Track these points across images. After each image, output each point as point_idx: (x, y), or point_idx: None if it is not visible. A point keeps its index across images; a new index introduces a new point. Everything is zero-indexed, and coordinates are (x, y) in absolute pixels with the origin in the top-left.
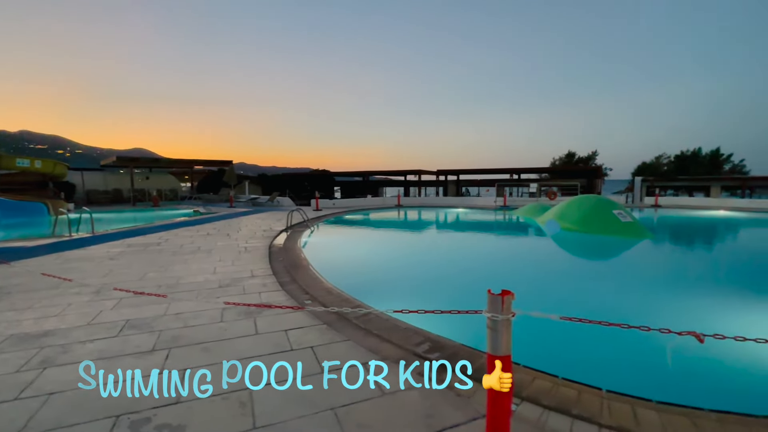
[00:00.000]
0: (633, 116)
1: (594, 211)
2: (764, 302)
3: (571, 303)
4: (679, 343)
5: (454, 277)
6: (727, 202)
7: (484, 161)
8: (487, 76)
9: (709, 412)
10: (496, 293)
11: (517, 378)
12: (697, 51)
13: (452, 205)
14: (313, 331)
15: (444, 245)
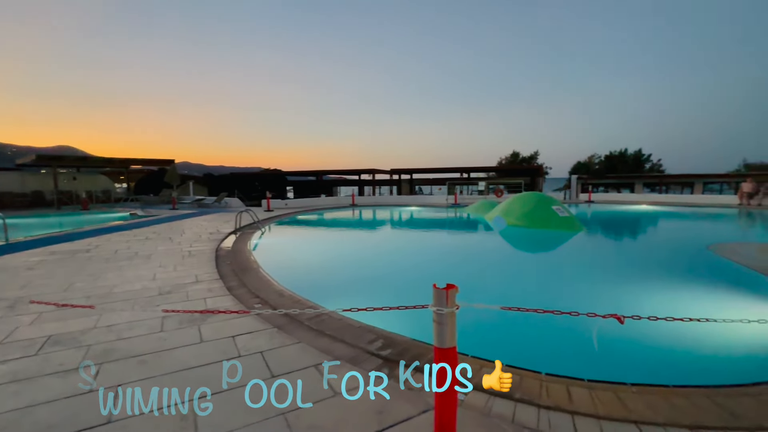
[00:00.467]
0: (570, 118)
1: (536, 207)
2: (674, 284)
3: (515, 293)
4: (603, 326)
5: (407, 273)
6: (648, 197)
7: (436, 161)
8: (440, 77)
9: (630, 386)
10: (442, 287)
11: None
12: (622, 59)
13: (406, 204)
14: (262, 336)
15: (398, 243)
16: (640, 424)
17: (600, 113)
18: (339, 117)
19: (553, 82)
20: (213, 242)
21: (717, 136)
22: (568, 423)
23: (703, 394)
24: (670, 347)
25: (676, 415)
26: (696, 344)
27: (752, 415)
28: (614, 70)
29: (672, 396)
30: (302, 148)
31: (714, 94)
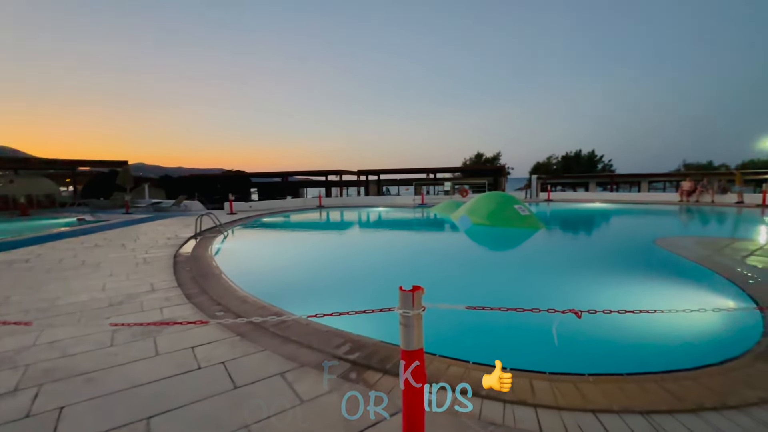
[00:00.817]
0: (530, 120)
1: (499, 206)
2: (626, 277)
3: (481, 292)
4: (563, 320)
5: (375, 275)
6: (600, 196)
7: (403, 161)
8: (406, 78)
9: (587, 376)
10: (407, 289)
11: (433, 368)
12: (578, 63)
13: (373, 205)
14: (224, 345)
15: (366, 244)
16: (597, 412)
17: (557, 115)
18: (305, 117)
19: (514, 84)
20: (171, 248)
21: (661, 138)
22: (531, 416)
23: (652, 380)
24: (623, 337)
25: (629, 401)
26: (645, 333)
27: (694, 397)
28: (571, 73)
29: (625, 383)
30: (267, 148)
31: (659, 99)
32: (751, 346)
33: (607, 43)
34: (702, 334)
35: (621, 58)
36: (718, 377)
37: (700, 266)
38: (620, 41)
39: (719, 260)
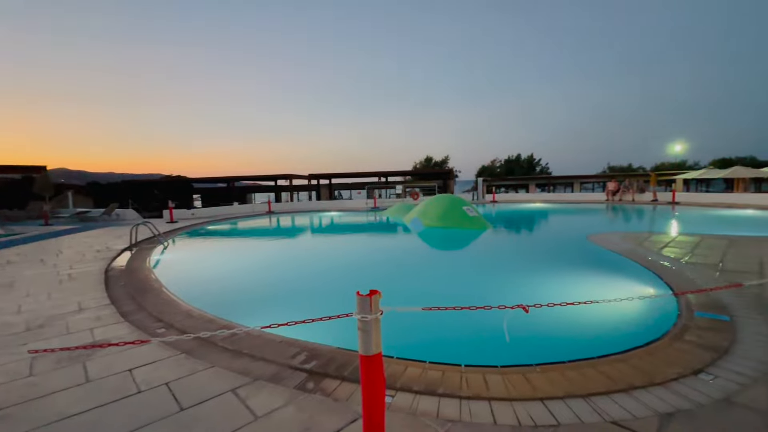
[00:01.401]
0: (476, 125)
1: (449, 208)
2: (565, 271)
3: (435, 292)
4: (512, 315)
5: (331, 281)
6: (540, 196)
7: (355, 165)
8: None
9: (535, 366)
10: (365, 294)
11: (391, 370)
12: (513, 67)
13: (325, 209)
14: (167, 365)
15: (320, 250)
16: (545, 399)
17: (500, 121)
18: (252, 119)
19: (462, 90)
20: (101, 261)
21: (590, 142)
22: (486, 410)
23: (589, 365)
24: (564, 327)
25: (571, 387)
26: (583, 322)
27: (626, 377)
28: (512, 81)
29: (567, 370)
30: (211, 152)
31: (588, 107)
32: (669, 328)
33: (545, 55)
34: (630, 320)
35: (556, 69)
36: (645, 358)
37: (625, 258)
38: (555, 54)
39: (641, 252)
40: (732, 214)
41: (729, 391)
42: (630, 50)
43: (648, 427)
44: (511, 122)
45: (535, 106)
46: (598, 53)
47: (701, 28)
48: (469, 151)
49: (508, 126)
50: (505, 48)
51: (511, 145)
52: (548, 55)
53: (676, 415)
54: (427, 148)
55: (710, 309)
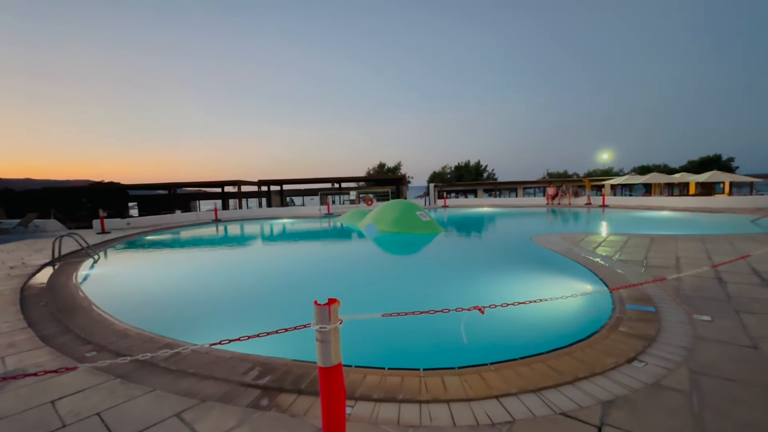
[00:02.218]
0: (428, 132)
1: (403, 213)
2: (513, 271)
3: (394, 297)
4: (469, 317)
5: (285, 291)
6: (487, 201)
7: (308, 171)
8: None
9: (490, 365)
10: (323, 303)
11: (350, 379)
12: (465, 80)
13: (277, 216)
14: (99, 392)
15: (272, 259)
16: (500, 397)
17: (450, 128)
18: (195, 122)
19: (414, 97)
20: (16, 279)
21: (531, 150)
22: (445, 412)
23: (539, 361)
24: (516, 325)
25: (524, 383)
26: (532, 319)
27: (571, 370)
28: (461, 89)
29: (519, 367)
30: (149, 157)
31: (529, 115)
32: (606, 321)
33: (492, 69)
34: (573, 315)
35: (503, 82)
36: (587, 350)
37: (565, 258)
38: (503, 68)
39: (578, 252)
40: (651, 215)
41: (658, 376)
42: (568, 67)
43: (592, 416)
44: (461, 131)
45: (482, 116)
46: (541, 69)
47: (630, 51)
48: (421, 158)
49: (458, 134)
50: (456, 60)
51: (461, 153)
52: (496, 69)
53: (616, 401)
54: (381, 155)
55: (639, 302)
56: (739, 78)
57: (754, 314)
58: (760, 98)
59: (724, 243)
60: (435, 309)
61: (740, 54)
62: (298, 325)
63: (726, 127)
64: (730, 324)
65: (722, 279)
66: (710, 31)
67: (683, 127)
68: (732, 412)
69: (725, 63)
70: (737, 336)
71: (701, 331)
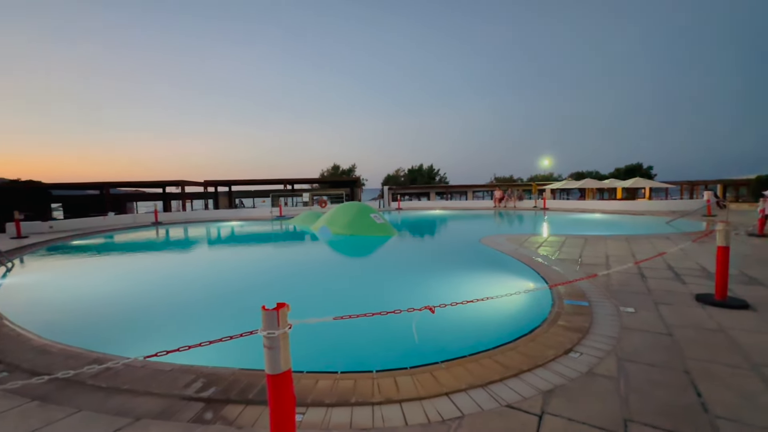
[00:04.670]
0: (381, 135)
1: (357, 215)
2: (463, 271)
3: (346, 300)
4: (421, 317)
5: (233, 297)
6: (439, 204)
7: (259, 172)
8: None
9: (441, 363)
10: (271, 308)
11: (301, 386)
12: (418, 84)
13: (225, 219)
14: (10, 419)
15: (219, 264)
16: (450, 394)
17: (404, 131)
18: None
19: (368, 99)
20: None
21: (480, 154)
22: (397, 412)
23: (487, 356)
24: (466, 323)
25: (472, 378)
26: (481, 316)
27: (516, 363)
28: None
29: (468, 363)
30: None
31: (479, 122)
32: (546, 316)
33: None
34: (517, 311)
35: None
36: (530, 344)
37: (511, 258)
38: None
39: (522, 252)
40: (585, 218)
41: (591, 365)
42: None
43: (534, 405)
44: (414, 135)
45: (436, 122)
46: (497, 78)
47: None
48: (376, 161)
49: (411, 138)
50: (407, 65)
51: (414, 156)
52: (452, 76)
53: (555, 390)
54: (335, 157)
55: (575, 297)
56: (656, 96)
57: (669, 305)
58: (672, 115)
59: (644, 242)
60: (387, 310)
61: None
62: (245, 332)
63: (646, 138)
64: (650, 315)
65: (644, 274)
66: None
67: (612, 137)
68: (652, 392)
69: (647, 82)
70: (656, 325)
71: (627, 322)
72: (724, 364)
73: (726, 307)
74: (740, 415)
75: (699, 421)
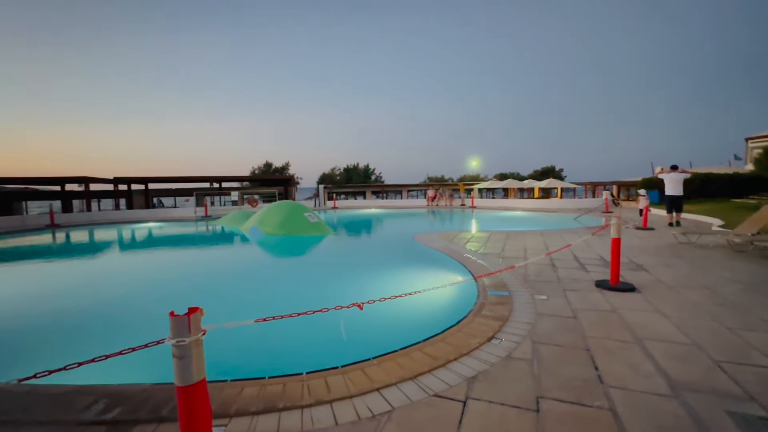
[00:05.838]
0: (317, 133)
1: (290, 215)
2: (396, 268)
3: (276, 302)
4: (350, 314)
5: (148, 307)
6: (375, 203)
7: (183, 169)
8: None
9: (373, 360)
10: (181, 313)
11: (224, 396)
12: (354, 82)
13: (140, 220)
14: None
15: (131, 271)
16: (381, 389)
17: (340, 131)
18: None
19: (304, 96)
20: None
21: (414, 155)
22: (328, 413)
23: (417, 349)
24: (398, 318)
25: (403, 372)
26: (413, 311)
27: (443, 354)
28: (351, 92)
29: (399, 358)
30: None
31: (414, 123)
32: (472, 307)
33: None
34: (446, 303)
35: (389, 87)
36: (457, 334)
37: (441, 253)
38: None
39: (452, 247)
40: (508, 215)
41: (510, 349)
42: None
43: (459, 392)
44: (350, 133)
45: (371, 121)
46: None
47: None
48: (310, 159)
49: (347, 137)
50: (345, 61)
51: (350, 155)
52: (382, 73)
53: (478, 376)
54: (267, 154)
55: (497, 288)
56: (565, 104)
57: (575, 291)
58: (579, 125)
59: (556, 236)
60: (314, 309)
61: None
62: (151, 342)
63: (558, 142)
64: (559, 301)
65: (555, 265)
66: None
67: (529, 140)
68: (559, 370)
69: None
70: (564, 310)
71: (540, 308)
72: (616, 340)
73: (618, 290)
74: (626, 383)
75: (596, 391)
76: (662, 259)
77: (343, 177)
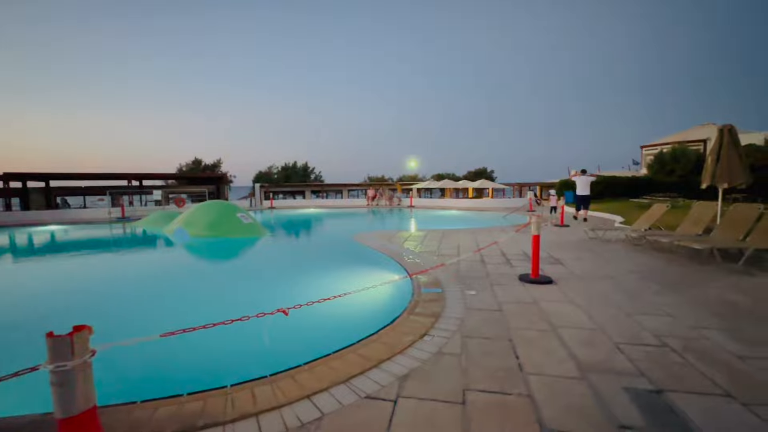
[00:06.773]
0: (252, 131)
1: (220, 215)
2: (333, 269)
3: (201, 311)
4: (275, 321)
5: (39, 324)
6: (315, 202)
7: (95, 164)
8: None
9: (303, 366)
10: (63, 333)
11: (134, 418)
12: (293, 80)
13: (38, 222)
14: None
15: (20, 282)
16: (311, 396)
17: (277, 128)
18: None
19: (236, 92)
20: None
21: (354, 154)
22: (253, 426)
23: (351, 351)
24: (330, 321)
25: (335, 376)
26: (347, 312)
27: (377, 354)
28: (290, 88)
29: (332, 361)
30: None
31: (354, 123)
32: (407, 305)
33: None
34: (382, 303)
35: (330, 86)
36: (391, 333)
37: (380, 253)
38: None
39: (390, 247)
40: (444, 214)
41: (440, 345)
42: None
43: (391, 392)
44: (288, 131)
45: (309, 118)
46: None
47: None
48: (244, 157)
49: (285, 134)
50: (283, 58)
51: (288, 153)
52: (323, 73)
53: (410, 374)
54: (195, 150)
55: (431, 285)
56: (492, 108)
57: (501, 285)
58: (509, 129)
59: (485, 233)
60: (232, 318)
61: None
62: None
63: (489, 145)
64: (487, 295)
65: (484, 260)
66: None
67: (464, 143)
68: (484, 362)
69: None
70: (491, 303)
71: (469, 303)
72: (535, 329)
73: (538, 283)
74: (543, 369)
75: (516, 379)
76: (575, 253)
77: (281, 176)
